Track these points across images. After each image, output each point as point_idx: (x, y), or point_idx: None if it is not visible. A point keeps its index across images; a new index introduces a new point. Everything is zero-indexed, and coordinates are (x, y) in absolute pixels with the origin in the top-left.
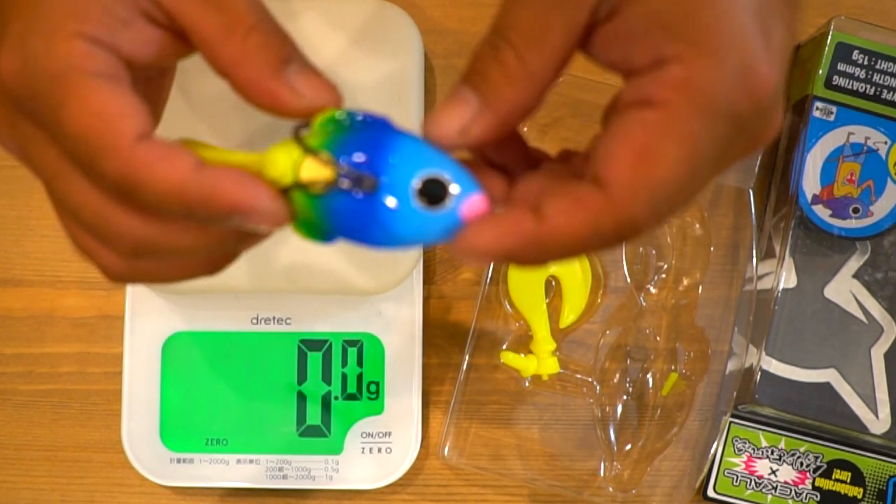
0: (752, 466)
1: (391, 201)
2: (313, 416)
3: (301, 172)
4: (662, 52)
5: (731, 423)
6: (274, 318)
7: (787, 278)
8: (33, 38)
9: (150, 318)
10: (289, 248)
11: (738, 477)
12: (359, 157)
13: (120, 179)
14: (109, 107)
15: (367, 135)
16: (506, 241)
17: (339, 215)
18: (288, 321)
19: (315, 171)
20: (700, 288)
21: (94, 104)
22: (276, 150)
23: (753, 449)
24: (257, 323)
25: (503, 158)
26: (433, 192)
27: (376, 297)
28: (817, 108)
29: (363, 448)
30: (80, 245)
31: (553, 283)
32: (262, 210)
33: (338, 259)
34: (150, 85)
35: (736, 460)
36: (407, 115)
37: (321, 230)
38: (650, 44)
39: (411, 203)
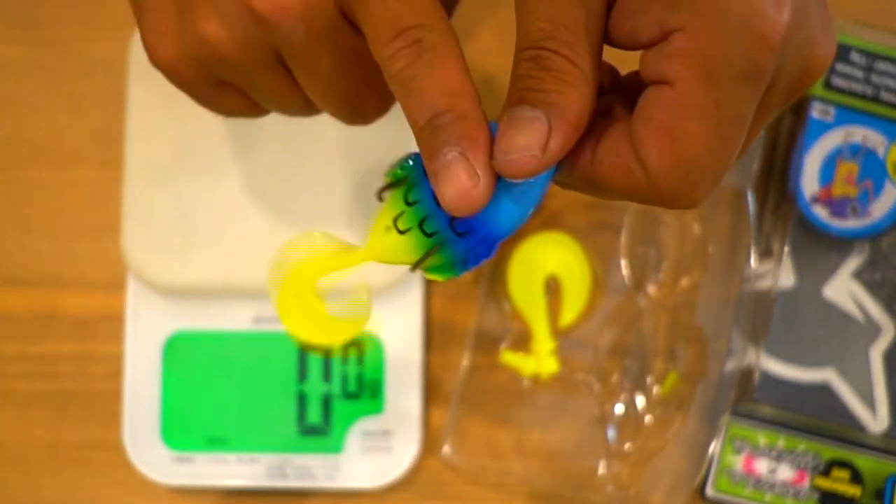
0: (750, 465)
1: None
2: (314, 415)
3: (414, 250)
4: (667, 24)
5: (729, 422)
6: (274, 317)
7: (786, 278)
8: None
9: (151, 317)
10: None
11: (736, 476)
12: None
13: (432, 50)
14: (442, 9)
15: None
16: (570, 158)
17: (453, 255)
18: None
19: (412, 238)
20: (699, 287)
21: None
22: (388, 243)
23: (752, 448)
24: (258, 322)
25: None
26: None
27: (376, 297)
28: (816, 109)
29: (363, 447)
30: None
31: (553, 282)
32: (473, 155)
33: None
34: None
35: (735, 459)
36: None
37: (448, 262)
38: (654, 17)
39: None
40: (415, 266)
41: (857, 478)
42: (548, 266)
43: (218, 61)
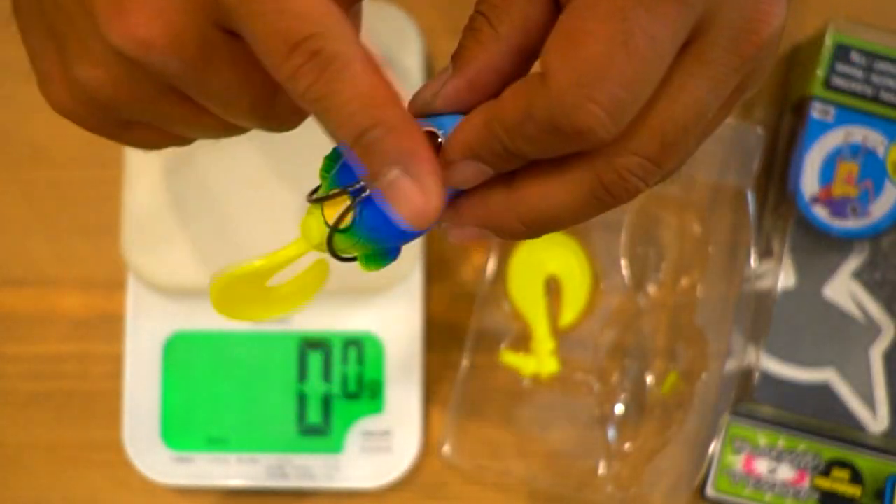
0: (750, 465)
1: None
2: (314, 415)
3: (327, 217)
4: None
5: (729, 422)
6: (275, 317)
7: (786, 278)
8: None
9: (151, 317)
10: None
11: (736, 476)
12: (357, 169)
13: (335, 63)
14: (337, 9)
15: None
16: (465, 123)
17: (376, 222)
18: (288, 320)
19: (334, 208)
20: (699, 287)
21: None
22: (304, 222)
23: (752, 448)
24: (258, 322)
25: None
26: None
27: (377, 296)
28: (816, 109)
29: (363, 447)
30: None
31: (553, 282)
32: (416, 171)
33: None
34: None
35: (735, 459)
36: None
37: (379, 250)
38: None
39: None
40: (334, 247)
41: (857, 478)
42: (548, 266)
43: (106, 103)
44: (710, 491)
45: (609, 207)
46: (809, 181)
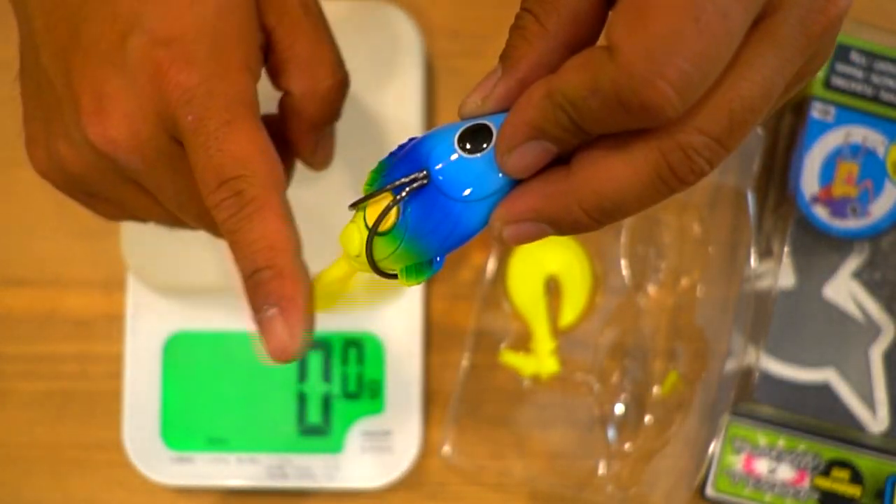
0: (750, 465)
1: (445, 170)
2: (314, 415)
3: (368, 220)
4: None
5: (729, 422)
6: None
7: (786, 278)
8: (209, 61)
9: (151, 317)
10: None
11: (736, 476)
12: (400, 169)
13: (251, 205)
14: (269, 151)
15: (400, 153)
16: (522, 102)
17: (421, 221)
18: None
19: (375, 208)
20: (699, 288)
21: (258, 141)
22: (344, 231)
23: (752, 448)
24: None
25: None
26: (477, 139)
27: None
28: (816, 109)
29: (363, 447)
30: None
31: (553, 282)
32: (288, 317)
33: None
34: None
35: (735, 459)
36: (408, 115)
37: (421, 256)
38: None
39: (463, 156)
40: (373, 259)
41: (857, 478)
42: (548, 266)
43: (76, 178)
44: (710, 491)
45: (673, 191)
46: (809, 181)
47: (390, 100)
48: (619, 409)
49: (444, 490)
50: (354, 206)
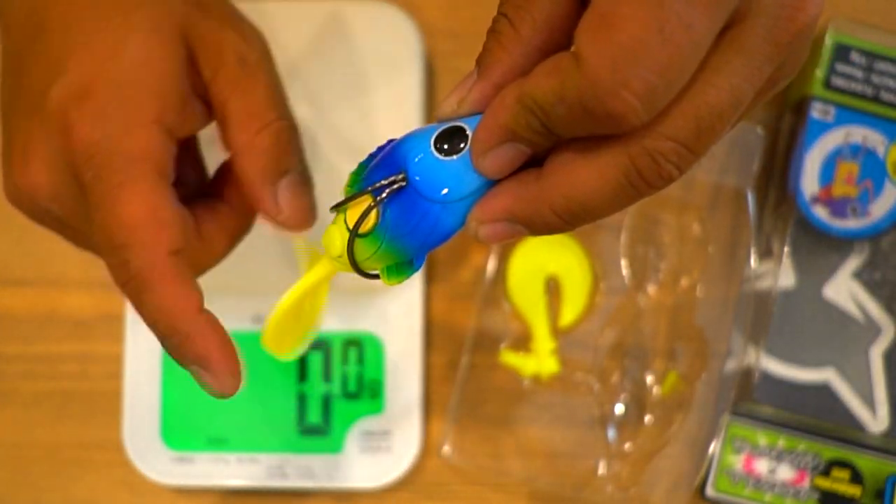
0: (750, 465)
1: (423, 171)
2: (314, 414)
3: (348, 222)
4: None
5: (729, 422)
6: None
7: (786, 278)
8: (117, 115)
9: None
10: (288, 246)
11: (736, 476)
12: (379, 172)
13: (137, 277)
14: (161, 213)
15: (379, 156)
16: (495, 105)
17: (400, 223)
18: None
19: (356, 210)
20: (699, 287)
21: (149, 204)
22: (326, 233)
23: (752, 448)
24: (258, 321)
25: None
26: (453, 141)
27: (377, 296)
28: (816, 109)
29: (363, 447)
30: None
31: (553, 282)
32: (210, 372)
33: None
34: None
35: (735, 459)
36: (407, 115)
37: (401, 256)
38: None
39: (440, 158)
40: (355, 259)
41: (857, 478)
42: (548, 266)
43: (28, 211)
44: (710, 491)
45: (643, 195)
46: (809, 181)
47: (390, 100)
48: (619, 409)
49: (444, 490)
50: (336, 208)
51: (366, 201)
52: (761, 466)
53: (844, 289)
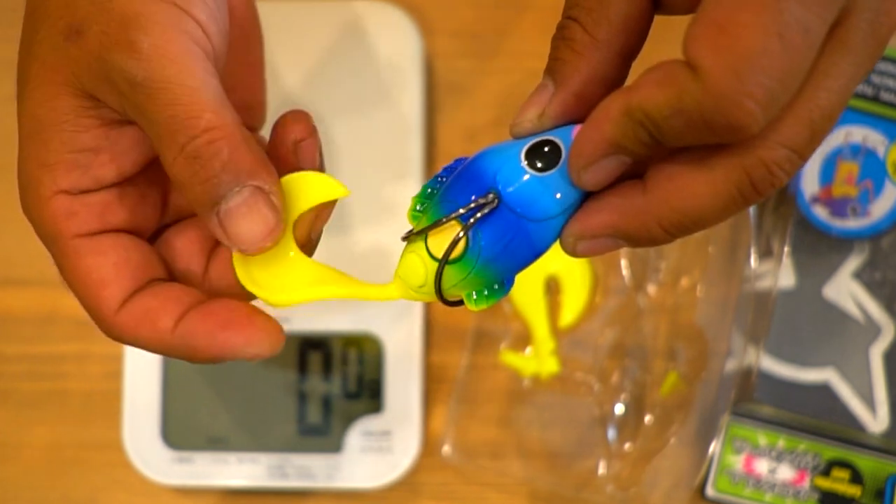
0: (750, 465)
1: (517, 189)
2: (314, 414)
3: (434, 252)
4: None
5: (729, 422)
6: (274, 317)
7: (786, 278)
8: (26, 200)
9: None
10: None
11: (736, 476)
12: (460, 192)
13: (113, 338)
14: (92, 275)
15: (453, 173)
16: (599, 118)
17: (493, 247)
18: (288, 320)
19: (442, 238)
20: (699, 287)
21: (79, 272)
22: (403, 263)
23: (752, 448)
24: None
25: None
26: (546, 156)
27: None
28: None
29: (363, 447)
30: None
31: (553, 282)
32: (237, 352)
33: (338, 259)
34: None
35: (735, 459)
36: (407, 115)
37: (492, 282)
38: None
39: (534, 174)
40: (441, 288)
41: (857, 478)
42: (548, 266)
43: None
44: (710, 491)
45: (751, 204)
46: (809, 181)
47: (390, 100)
48: (619, 409)
49: (444, 490)
50: (415, 235)
51: (452, 227)
52: (761, 466)
53: (844, 289)
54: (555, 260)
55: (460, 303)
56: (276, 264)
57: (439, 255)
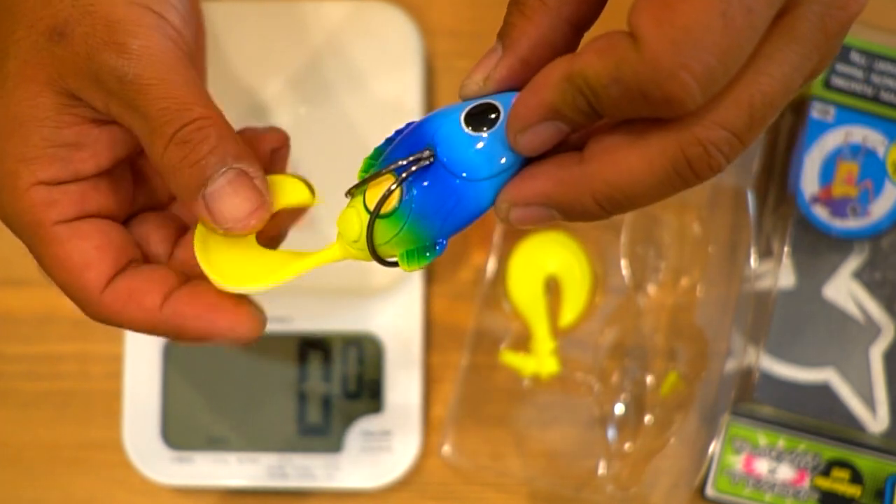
0: (750, 465)
1: (451, 147)
2: (314, 415)
3: (368, 203)
4: None
5: (729, 422)
6: (275, 317)
7: (786, 278)
8: (2, 195)
9: None
10: (288, 247)
11: (736, 476)
12: (401, 151)
13: (99, 320)
14: (74, 258)
15: (401, 135)
16: (539, 82)
17: (425, 201)
18: (288, 320)
19: (376, 191)
20: (699, 287)
21: (61, 258)
22: (342, 216)
23: (752, 448)
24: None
25: None
26: (486, 120)
27: (376, 296)
28: (816, 109)
29: (363, 447)
30: None
31: (553, 282)
32: (222, 335)
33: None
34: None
35: (735, 459)
36: (407, 115)
37: (423, 238)
38: None
39: (470, 134)
40: (374, 243)
41: (857, 478)
42: (548, 266)
43: None
44: (710, 491)
45: (688, 185)
46: (809, 181)
47: (390, 100)
48: (619, 409)
49: (444, 490)
50: (354, 189)
51: (387, 181)
52: (761, 466)
53: (844, 289)
54: (555, 260)
55: (395, 264)
56: (235, 251)
57: (370, 203)
